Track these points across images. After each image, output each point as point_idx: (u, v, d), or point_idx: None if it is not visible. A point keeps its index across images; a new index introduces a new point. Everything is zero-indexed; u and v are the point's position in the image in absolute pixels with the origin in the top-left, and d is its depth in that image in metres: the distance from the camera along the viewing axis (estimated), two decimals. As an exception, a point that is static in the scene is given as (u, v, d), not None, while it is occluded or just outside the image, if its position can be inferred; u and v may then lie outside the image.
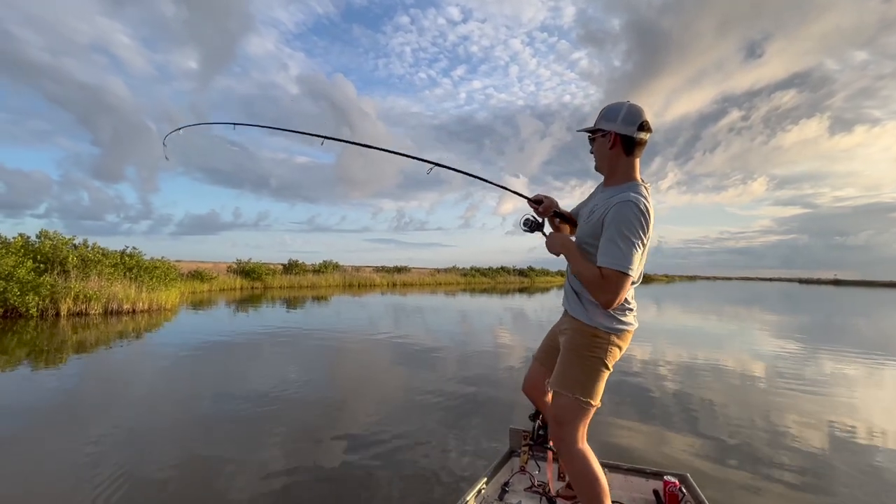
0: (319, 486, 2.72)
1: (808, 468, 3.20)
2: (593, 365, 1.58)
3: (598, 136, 1.65)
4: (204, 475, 2.86)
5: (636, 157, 1.61)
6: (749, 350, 8.53)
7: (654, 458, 3.25)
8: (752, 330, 12.23)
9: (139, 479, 2.75)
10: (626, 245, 1.43)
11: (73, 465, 2.94)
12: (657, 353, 7.75)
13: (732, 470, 3.12)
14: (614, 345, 1.59)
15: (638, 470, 2.15)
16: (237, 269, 24.76)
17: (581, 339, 1.61)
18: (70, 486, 2.68)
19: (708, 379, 5.91)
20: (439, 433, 3.67)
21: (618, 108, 1.59)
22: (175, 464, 3.00)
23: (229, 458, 3.08)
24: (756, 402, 4.86)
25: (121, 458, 3.05)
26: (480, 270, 48.29)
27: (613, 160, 1.62)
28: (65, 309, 9.97)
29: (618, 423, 4.03)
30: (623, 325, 1.59)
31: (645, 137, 1.59)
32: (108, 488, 2.60)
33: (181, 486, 2.72)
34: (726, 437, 3.77)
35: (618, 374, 5.75)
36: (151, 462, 3.01)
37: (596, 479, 1.55)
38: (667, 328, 11.96)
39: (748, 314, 17.60)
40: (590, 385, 1.58)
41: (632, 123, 1.56)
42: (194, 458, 3.12)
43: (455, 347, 7.93)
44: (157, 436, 3.53)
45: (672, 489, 1.93)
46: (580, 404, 1.58)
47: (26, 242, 11.74)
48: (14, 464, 3.00)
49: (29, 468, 2.91)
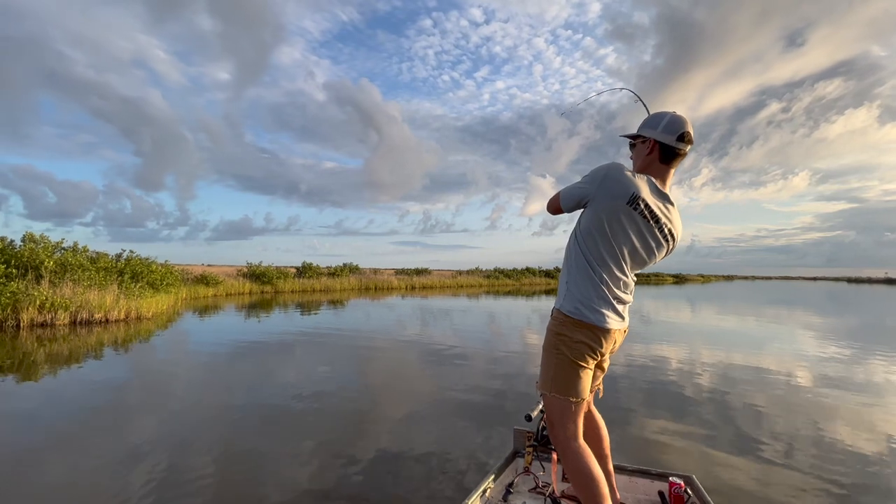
0: (345, 481, 2.78)
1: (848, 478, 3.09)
2: (559, 359, 1.59)
3: (638, 141, 1.66)
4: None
5: (671, 168, 1.61)
6: (795, 354, 8.03)
7: (670, 458, 3.30)
8: (804, 332, 10.80)
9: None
10: (577, 182, 1.62)
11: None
12: (692, 355, 7.60)
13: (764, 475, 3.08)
14: (574, 334, 1.57)
15: (643, 471, 2.15)
16: (247, 272, 23.87)
17: (549, 335, 1.65)
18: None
19: (750, 386, 5.54)
20: (461, 433, 3.71)
21: (661, 117, 1.60)
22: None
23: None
24: (803, 409, 4.65)
25: None
26: (504, 272, 46.56)
27: (647, 166, 1.62)
28: (26, 319, 8.90)
29: (641, 424, 4.06)
30: (587, 316, 1.55)
31: (684, 149, 1.58)
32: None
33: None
34: (765, 441, 3.73)
35: (644, 377, 5.85)
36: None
37: (591, 476, 1.52)
38: (706, 330, 10.85)
39: (804, 317, 15.38)
40: (559, 380, 1.58)
41: (672, 133, 1.56)
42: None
43: (474, 351, 7.33)
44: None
45: (677, 490, 1.91)
46: (559, 401, 1.58)
47: (5, 246, 10.89)
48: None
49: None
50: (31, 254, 10.59)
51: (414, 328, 10.62)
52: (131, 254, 15.26)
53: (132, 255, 15.16)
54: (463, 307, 17.49)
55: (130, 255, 15.16)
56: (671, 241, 1.61)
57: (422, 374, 6.00)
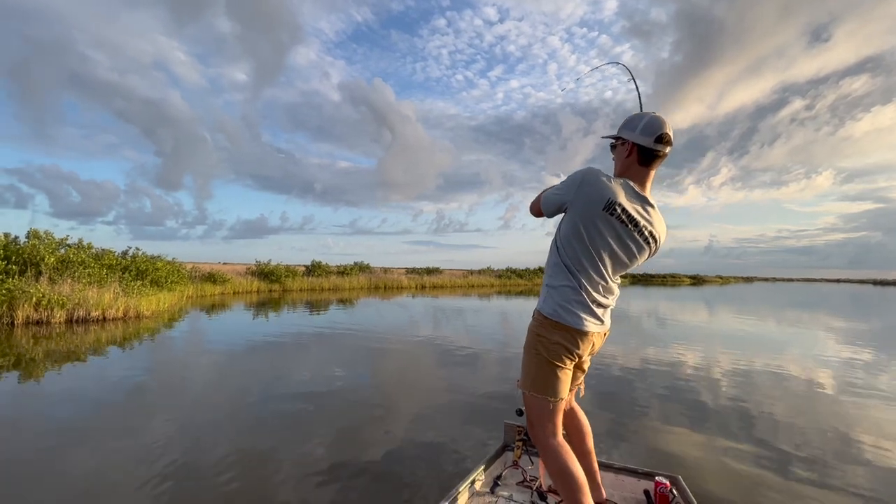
0: (356, 479, 2.81)
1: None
2: (538, 360, 1.62)
3: (618, 143, 1.67)
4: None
5: (651, 169, 1.61)
6: (813, 358, 7.75)
7: (664, 458, 3.31)
8: (825, 335, 10.14)
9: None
10: (556, 187, 1.65)
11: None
12: (706, 357, 7.46)
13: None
14: (552, 335, 1.60)
15: (630, 470, 2.13)
16: (256, 270, 23.77)
17: (529, 335, 1.68)
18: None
19: (766, 392, 5.37)
20: (472, 433, 3.70)
21: (640, 118, 1.60)
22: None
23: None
24: (820, 415, 4.53)
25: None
26: (516, 272, 45.88)
27: (626, 169, 1.63)
28: (21, 316, 8.73)
29: (643, 423, 4.08)
30: (564, 318, 1.58)
31: (663, 150, 1.57)
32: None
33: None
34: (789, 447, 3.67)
35: (661, 381, 5.73)
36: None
37: (570, 473, 1.55)
38: (722, 333, 10.31)
39: (825, 320, 14.61)
40: (538, 380, 1.62)
41: (650, 135, 1.55)
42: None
43: (483, 351, 6.93)
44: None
45: (662, 490, 1.91)
46: (538, 400, 1.62)
47: (8, 242, 10.81)
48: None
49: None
50: (32, 250, 10.49)
51: (423, 328, 10.27)
52: (137, 251, 15.21)
53: (138, 253, 15.10)
54: (474, 307, 17.08)
55: (136, 253, 15.10)
56: (652, 243, 1.62)
57: (431, 373, 6.00)
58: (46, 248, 10.69)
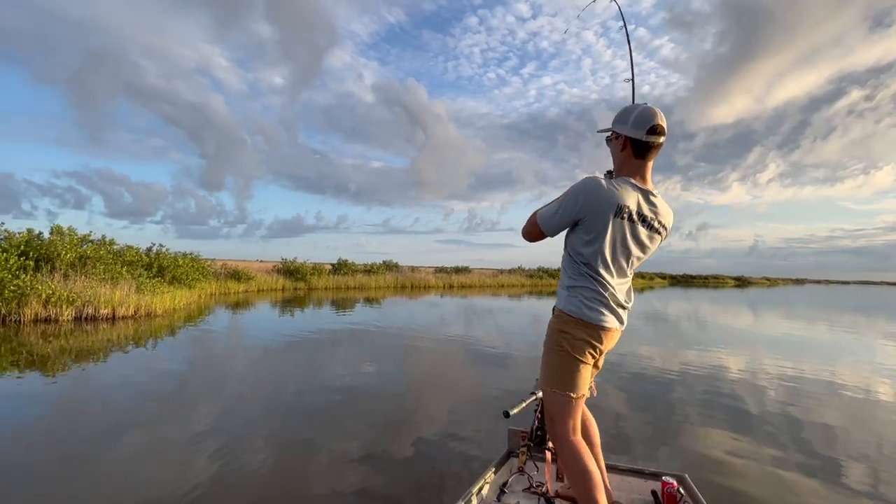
0: (381, 476, 2.86)
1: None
2: (561, 356, 1.61)
3: (612, 136, 1.65)
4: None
5: (648, 160, 1.60)
6: (868, 365, 7.43)
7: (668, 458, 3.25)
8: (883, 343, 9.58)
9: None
10: (554, 205, 1.61)
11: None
12: (750, 363, 7.22)
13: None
14: (576, 331, 1.59)
15: (636, 470, 2.12)
16: (281, 268, 23.64)
17: (550, 333, 1.66)
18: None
19: (818, 399, 5.15)
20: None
21: (631, 110, 1.58)
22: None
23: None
24: (865, 424, 4.29)
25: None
26: (548, 271, 44.48)
27: (623, 163, 1.62)
28: (29, 313, 8.50)
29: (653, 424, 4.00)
30: (587, 315, 1.57)
31: (657, 140, 1.55)
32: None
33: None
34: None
35: (699, 385, 5.60)
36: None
37: (587, 472, 1.54)
38: (767, 338, 9.26)
39: (886, 327, 12.92)
40: (561, 376, 1.60)
41: (641, 127, 1.54)
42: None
43: (516, 352, 6.67)
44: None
45: (670, 490, 1.89)
46: (560, 397, 1.60)
47: (31, 238, 10.74)
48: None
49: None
50: (49, 246, 10.37)
51: (453, 327, 9.50)
52: (160, 247, 15.18)
53: (161, 249, 15.05)
54: (503, 307, 16.22)
55: (159, 250, 15.05)
56: (663, 231, 1.63)
57: (459, 372, 6.09)
58: (64, 245, 10.56)
